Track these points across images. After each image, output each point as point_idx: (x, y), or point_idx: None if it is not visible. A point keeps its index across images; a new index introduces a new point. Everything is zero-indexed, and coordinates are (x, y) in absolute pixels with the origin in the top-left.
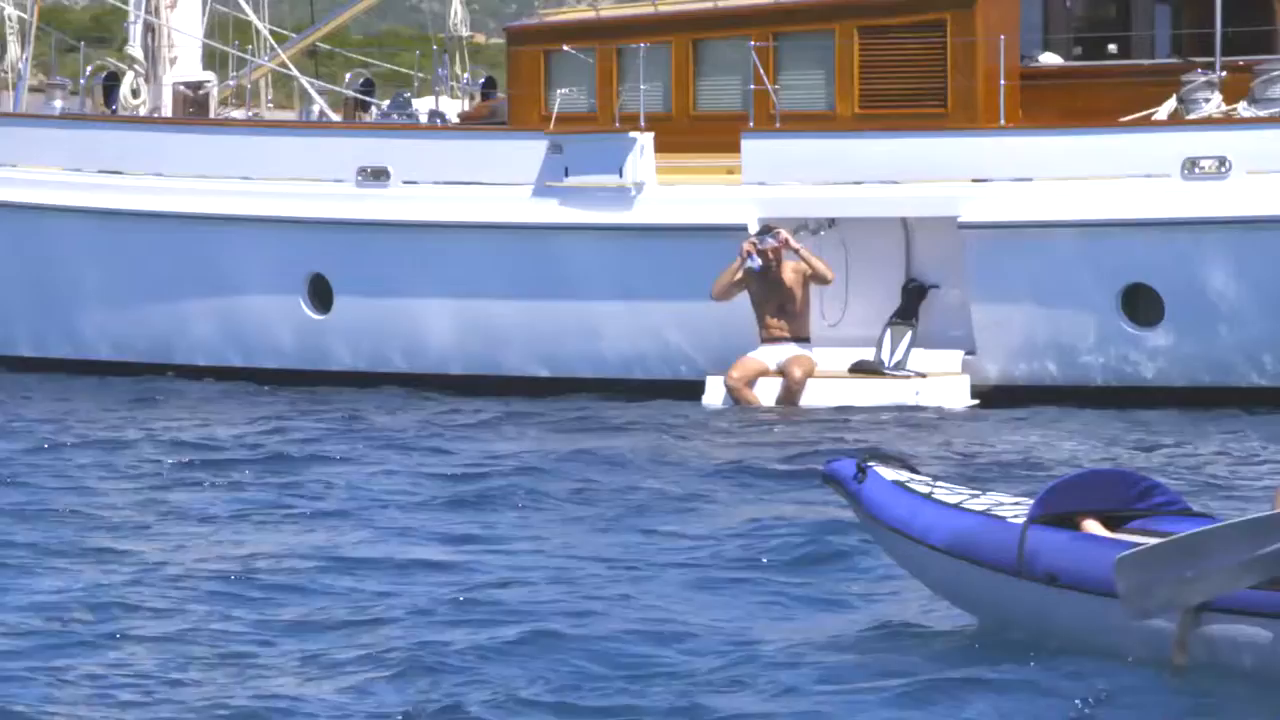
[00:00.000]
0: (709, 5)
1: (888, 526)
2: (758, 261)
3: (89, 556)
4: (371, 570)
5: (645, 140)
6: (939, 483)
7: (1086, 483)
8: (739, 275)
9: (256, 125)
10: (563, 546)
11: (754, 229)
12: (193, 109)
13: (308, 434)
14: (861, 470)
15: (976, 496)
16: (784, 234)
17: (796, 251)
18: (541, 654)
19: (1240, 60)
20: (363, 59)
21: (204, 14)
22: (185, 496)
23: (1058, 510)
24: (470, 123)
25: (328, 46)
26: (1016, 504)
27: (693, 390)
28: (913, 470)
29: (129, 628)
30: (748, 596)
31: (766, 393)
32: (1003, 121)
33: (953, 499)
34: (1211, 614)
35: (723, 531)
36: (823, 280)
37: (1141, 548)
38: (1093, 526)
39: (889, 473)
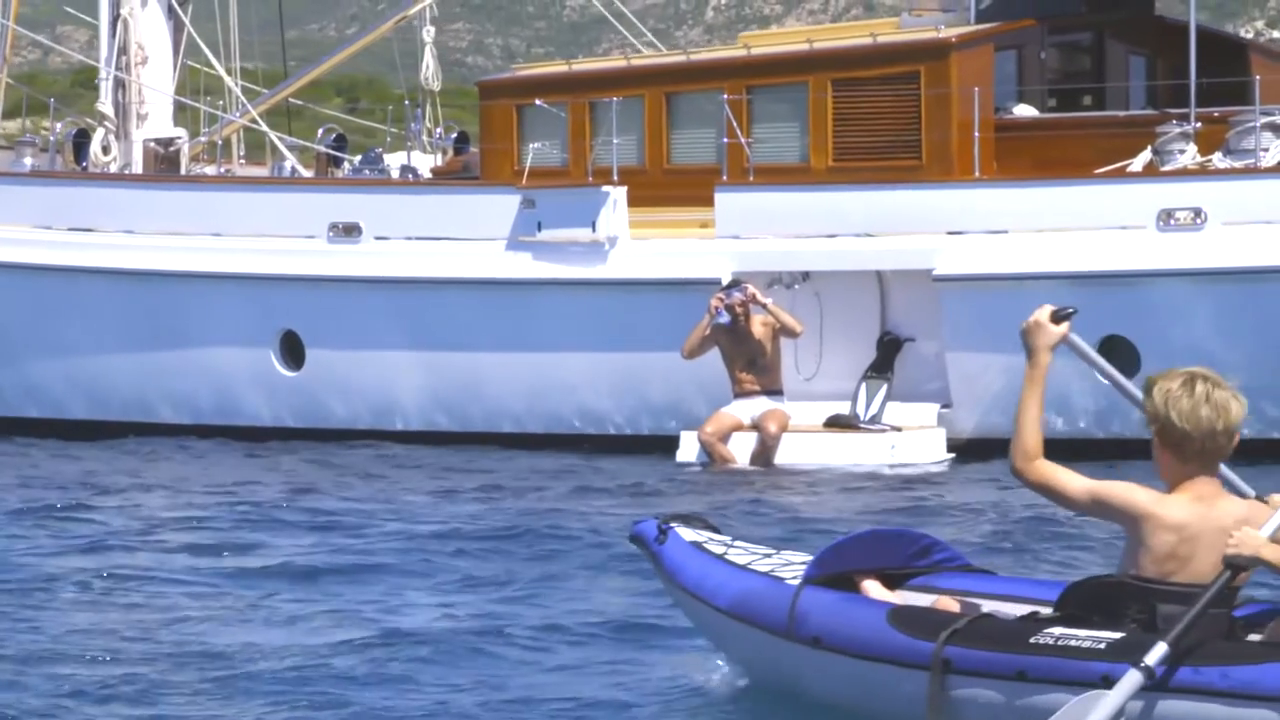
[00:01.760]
0: (682, 58)
1: (682, 588)
2: (725, 317)
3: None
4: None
5: (618, 194)
6: (737, 543)
7: (864, 542)
8: (708, 331)
9: (228, 182)
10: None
11: (726, 282)
12: (164, 165)
13: (269, 492)
14: (663, 531)
15: (769, 556)
16: (751, 288)
17: (765, 306)
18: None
19: (1215, 111)
20: (333, 114)
21: (175, 70)
22: (124, 559)
23: (834, 570)
24: (442, 177)
25: (300, 102)
26: (804, 564)
27: (667, 445)
28: (714, 530)
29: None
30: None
31: (741, 448)
32: (977, 173)
33: (744, 559)
34: (959, 676)
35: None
36: (791, 334)
37: None
38: (872, 587)
39: (689, 533)
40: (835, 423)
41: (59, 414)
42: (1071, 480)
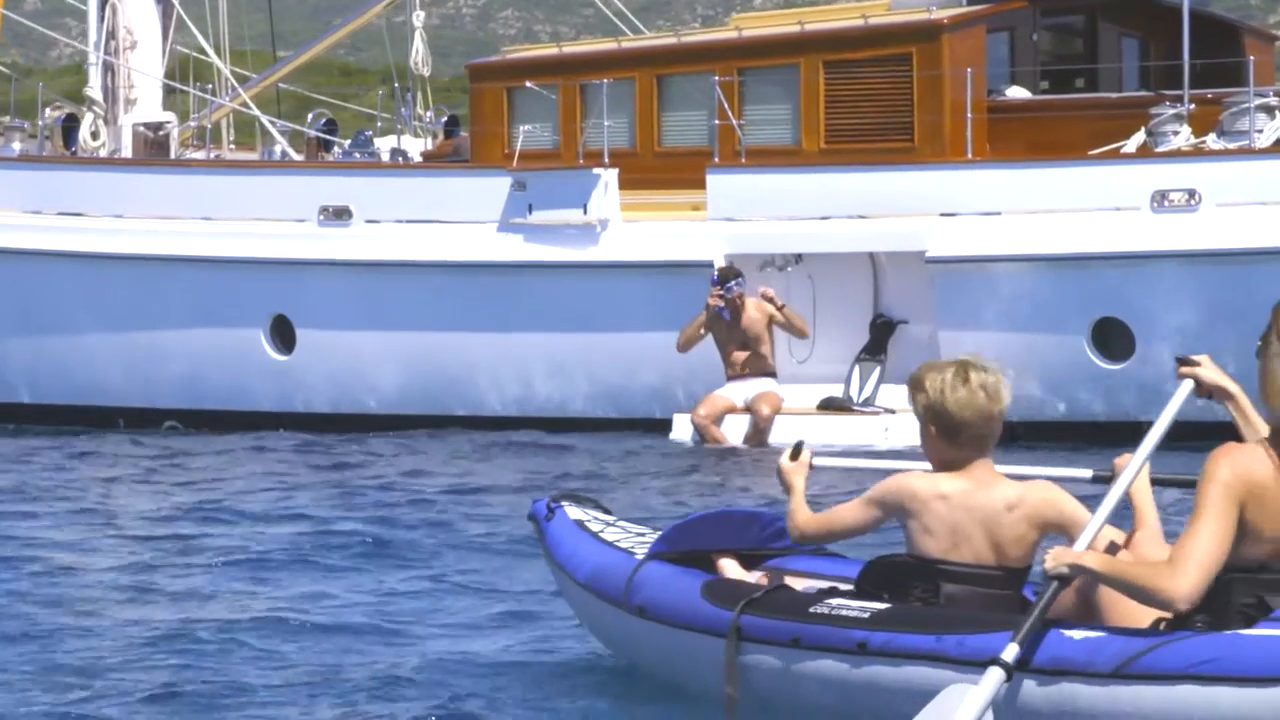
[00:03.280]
0: (673, 41)
1: (557, 564)
2: (727, 313)
3: None
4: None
5: (609, 176)
6: (620, 523)
7: (713, 522)
8: (704, 330)
9: (218, 165)
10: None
11: (719, 265)
12: (153, 150)
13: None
14: (551, 510)
15: (643, 536)
16: (769, 290)
17: (780, 309)
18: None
19: (1209, 93)
20: (323, 99)
21: (164, 55)
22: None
23: (681, 548)
24: (433, 161)
25: (290, 86)
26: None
27: (660, 428)
28: (604, 510)
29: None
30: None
31: (734, 430)
32: (970, 155)
33: (613, 536)
34: (751, 643)
35: None
36: (799, 335)
37: None
38: (728, 566)
39: (575, 512)
40: (828, 405)
41: (48, 399)
42: (846, 508)
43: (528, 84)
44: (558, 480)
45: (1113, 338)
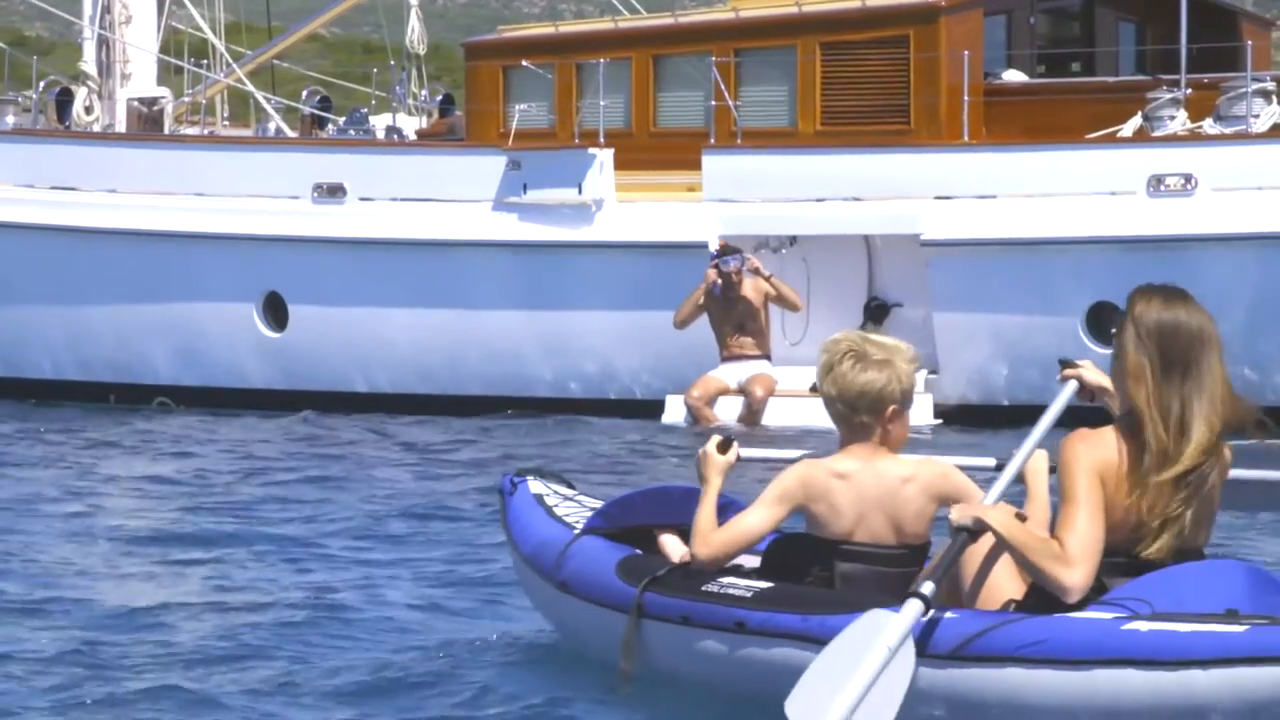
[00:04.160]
0: (669, 21)
1: (510, 538)
2: (719, 289)
3: None
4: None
5: (605, 156)
6: (579, 497)
7: (651, 498)
8: (700, 301)
9: (211, 141)
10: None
11: (714, 246)
12: (147, 125)
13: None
14: (514, 484)
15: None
16: (754, 261)
17: (768, 279)
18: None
19: (1205, 77)
20: (319, 77)
21: (159, 29)
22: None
23: (619, 524)
24: (428, 139)
25: (285, 63)
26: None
27: (653, 409)
28: (567, 485)
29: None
30: None
31: (727, 412)
32: (966, 138)
33: (564, 511)
34: (650, 620)
35: None
36: (792, 308)
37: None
38: (669, 542)
39: (538, 486)
40: None
41: (40, 374)
42: (750, 512)
43: (524, 63)
44: (546, 461)
45: (1108, 322)
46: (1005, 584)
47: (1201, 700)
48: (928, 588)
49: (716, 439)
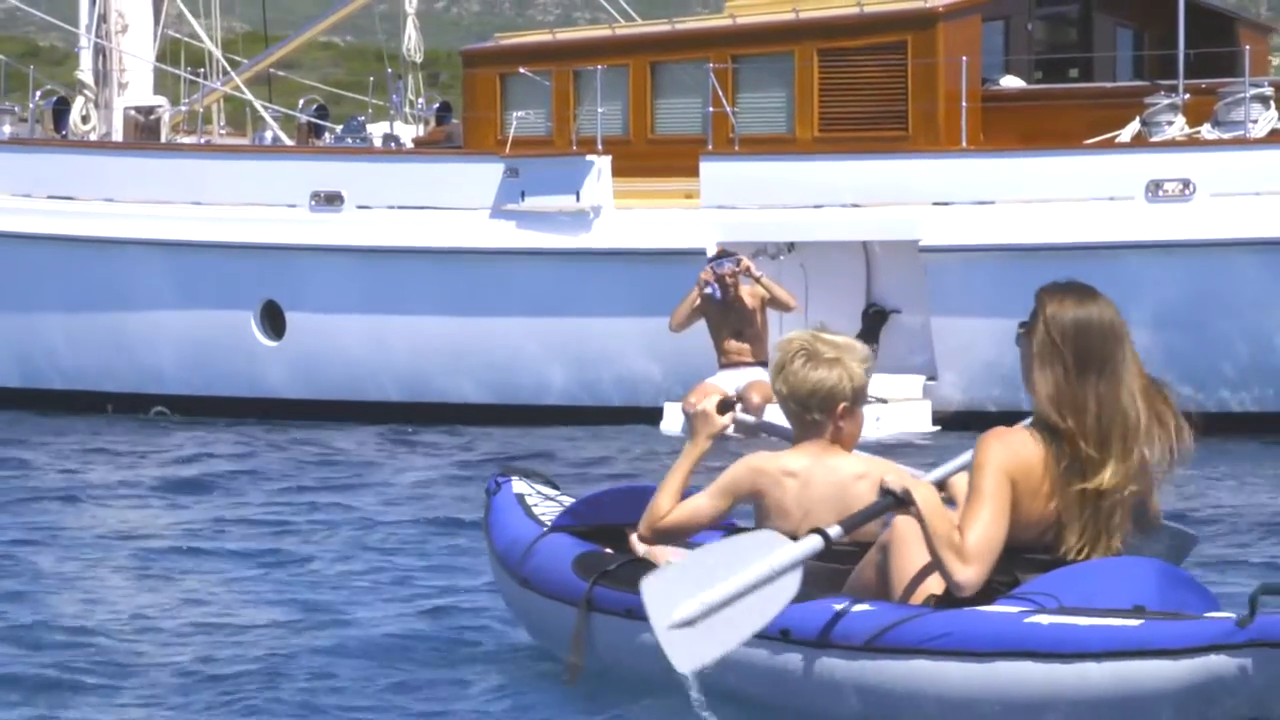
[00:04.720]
0: (667, 28)
1: (488, 536)
2: (716, 291)
3: None
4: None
5: (603, 163)
6: (560, 497)
7: (619, 497)
8: (697, 303)
9: (208, 150)
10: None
11: (712, 253)
12: (144, 134)
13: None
14: (498, 484)
15: None
16: (745, 260)
17: (758, 280)
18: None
19: (1203, 83)
20: (315, 85)
21: (156, 38)
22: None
23: (588, 522)
24: (425, 147)
25: (282, 72)
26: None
27: (650, 416)
28: (550, 485)
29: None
30: None
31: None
32: (964, 144)
33: (541, 510)
34: (599, 614)
35: None
36: (784, 308)
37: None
38: (639, 542)
39: (521, 486)
40: None
41: (38, 384)
42: (696, 500)
43: (521, 70)
44: (543, 467)
45: None
46: (927, 579)
47: (1097, 693)
48: (834, 530)
49: (716, 398)
